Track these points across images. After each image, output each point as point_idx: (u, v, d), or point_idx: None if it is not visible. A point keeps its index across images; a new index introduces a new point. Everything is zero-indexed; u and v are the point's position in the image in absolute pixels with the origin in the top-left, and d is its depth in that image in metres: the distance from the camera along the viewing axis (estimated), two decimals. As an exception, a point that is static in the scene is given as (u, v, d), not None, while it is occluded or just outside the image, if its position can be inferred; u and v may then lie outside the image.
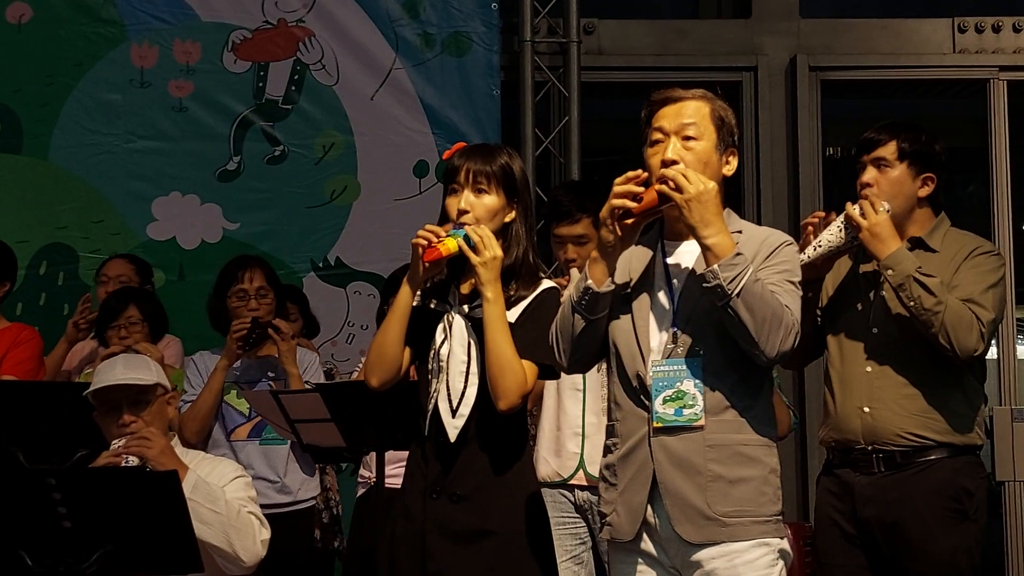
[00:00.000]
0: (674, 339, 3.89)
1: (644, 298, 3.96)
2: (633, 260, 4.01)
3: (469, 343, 4.25)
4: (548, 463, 5.51)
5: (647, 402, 3.89)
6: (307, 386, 5.94)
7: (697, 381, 3.84)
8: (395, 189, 8.25)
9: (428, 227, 4.22)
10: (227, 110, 8.28)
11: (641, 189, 3.83)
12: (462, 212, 4.25)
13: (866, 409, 4.72)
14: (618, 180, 3.86)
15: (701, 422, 3.84)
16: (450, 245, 4.17)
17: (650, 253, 4.00)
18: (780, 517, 3.91)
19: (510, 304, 4.25)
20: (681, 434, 3.85)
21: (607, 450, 4.05)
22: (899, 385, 4.71)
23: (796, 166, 8.80)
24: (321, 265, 8.25)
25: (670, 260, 3.98)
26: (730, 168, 3.99)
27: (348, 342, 8.14)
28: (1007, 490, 8.63)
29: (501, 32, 8.46)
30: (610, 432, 4.05)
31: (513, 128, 8.46)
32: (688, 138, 3.91)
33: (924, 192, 4.84)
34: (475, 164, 4.28)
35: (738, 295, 3.72)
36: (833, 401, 4.82)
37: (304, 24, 8.34)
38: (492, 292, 4.19)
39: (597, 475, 5.33)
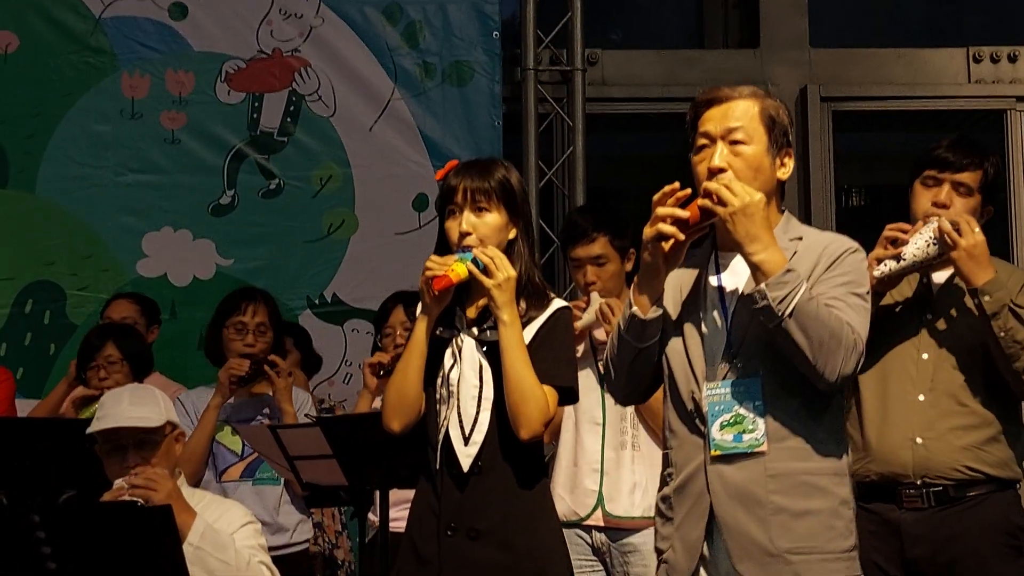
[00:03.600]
0: (730, 359, 3.61)
1: (696, 316, 3.69)
2: (684, 275, 3.74)
3: (481, 367, 4.02)
4: (564, 500, 5.23)
5: (703, 428, 3.61)
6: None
7: (757, 403, 3.55)
8: (394, 223, 8.00)
9: (433, 258, 4.03)
10: (221, 142, 8.03)
11: (685, 213, 3.55)
12: (464, 235, 4.04)
13: (919, 440, 4.40)
14: (656, 198, 3.59)
15: (763, 448, 3.55)
16: (459, 270, 3.98)
17: (703, 266, 3.72)
18: (853, 552, 3.61)
19: (522, 325, 4.02)
20: (740, 462, 3.56)
21: (663, 481, 3.75)
22: (955, 415, 4.40)
23: (808, 199, 8.57)
24: (317, 302, 8.00)
25: (724, 273, 3.70)
26: (785, 171, 3.71)
27: (345, 382, 7.85)
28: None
29: (503, 61, 8.24)
30: (665, 461, 3.75)
31: (515, 160, 8.19)
32: (736, 142, 3.63)
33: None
34: (472, 182, 4.06)
35: (790, 315, 3.43)
36: (870, 431, 4.46)
37: (300, 54, 8.11)
38: (508, 315, 3.97)
39: (616, 514, 5.14)
